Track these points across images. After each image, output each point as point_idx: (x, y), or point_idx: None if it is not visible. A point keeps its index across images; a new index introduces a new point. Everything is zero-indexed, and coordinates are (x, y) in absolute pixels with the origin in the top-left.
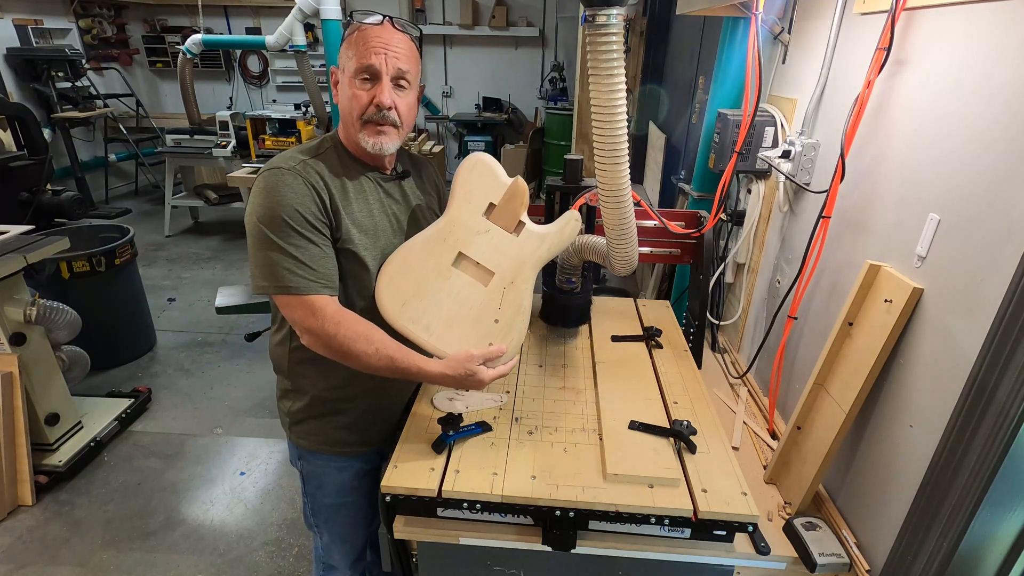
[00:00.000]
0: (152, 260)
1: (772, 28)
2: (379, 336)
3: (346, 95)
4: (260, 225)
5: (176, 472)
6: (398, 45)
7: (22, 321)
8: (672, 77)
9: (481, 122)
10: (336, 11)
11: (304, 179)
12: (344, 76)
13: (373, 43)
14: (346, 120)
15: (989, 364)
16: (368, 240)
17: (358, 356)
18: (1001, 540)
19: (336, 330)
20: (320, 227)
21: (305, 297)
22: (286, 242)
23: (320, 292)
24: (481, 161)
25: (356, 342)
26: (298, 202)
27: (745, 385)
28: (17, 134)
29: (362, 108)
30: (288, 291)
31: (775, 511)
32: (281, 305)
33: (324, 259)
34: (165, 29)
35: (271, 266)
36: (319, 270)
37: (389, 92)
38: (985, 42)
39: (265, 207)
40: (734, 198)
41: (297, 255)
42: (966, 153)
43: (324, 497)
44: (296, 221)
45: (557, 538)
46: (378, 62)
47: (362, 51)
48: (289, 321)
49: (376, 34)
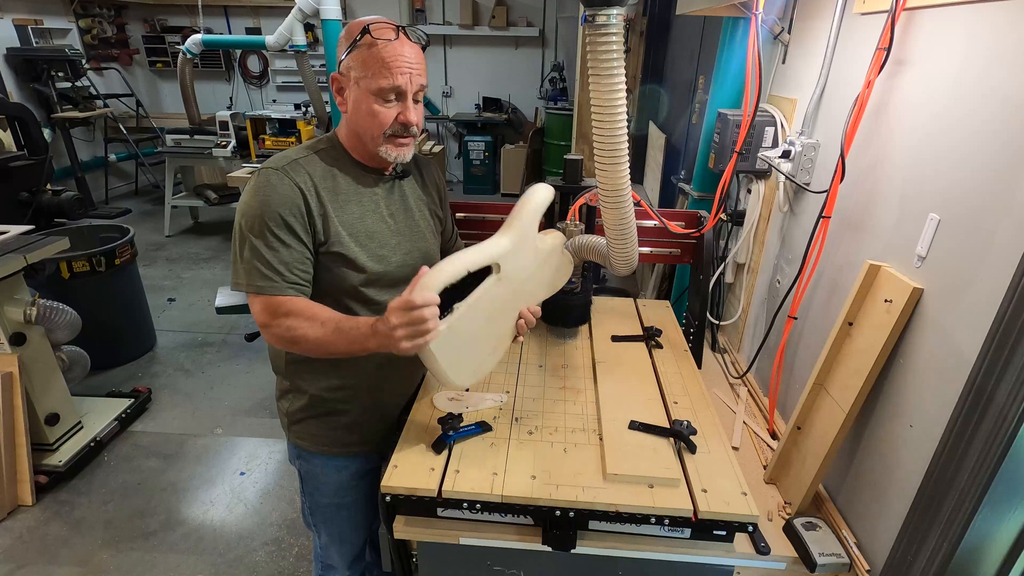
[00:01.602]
0: (152, 260)
1: (772, 28)
2: (327, 314)
3: (366, 111)
4: (241, 223)
5: (176, 472)
6: (416, 60)
7: (22, 321)
8: (672, 77)
9: (481, 122)
10: (336, 11)
11: (291, 181)
12: (359, 90)
13: (396, 63)
14: (364, 135)
15: (989, 364)
16: (360, 241)
17: (304, 336)
18: (1001, 540)
19: (285, 320)
20: (298, 230)
21: (270, 297)
22: (261, 242)
23: (286, 293)
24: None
25: (300, 327)
26: (279, 203)
27: (745, 385)
28: (17, 134)
29: (386, 125)
30: (257, 290)
31: (775, 511)
32: (249, 302)
33: (297, 263)
34: (165, 29)
35: (247, 265)
36: (289, 273)
37: (416, 111)
38: (985, 42)
39: (248, 206)
40: (734, 198)
41: (268, 257)
42: (966, 152)
43: (322, 497)
44: (275, 223)
45: (557, 538)
46: (404, 83)
47: (384, 71)
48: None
49: (396, 52)
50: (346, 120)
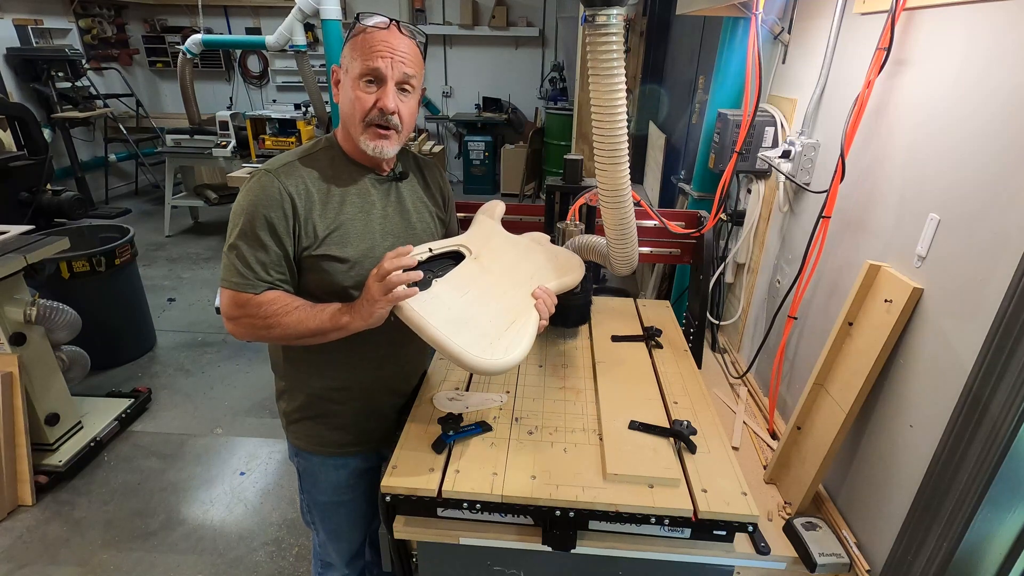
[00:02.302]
0: (152, 260)
1: (772, 28)
2: (298, 302)
3: (348, 97)
4: (231, 222)
5: (176, 472)
6: (404, 50)
7: (22, 321)
8: (672, 77)
9: (481, 122)
10: (336, 11)
11: (281, 185)
12: (347, 77)
13: (379, 47)
14: (347, 121)
15: (989, 364)
16: (350, 242)
17: (279, 323)
18: (1001, 540)
19: (256, 311)
20: (280, 232)
21: (239, 294)
22: (243, 241)
23: (257, 291)
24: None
25: (273, 313)
26: (266, 206)
27: (745, 385)
28: (17, 134)
29: (365, 111)
30: (230, 286)
31: (775, 511)
32: (220, 296)
33: (274, 264)
34: (165, 29)
35: (225, 259)
36: (265, 272)
37: (393, 96)
38: (985, 42)
39: (238, 205)
40: (734, 198)
41: (247, 255)
42: (966, 153)
43: (320, 495)
44: (258, 223)
45: (557, 538)
46: (384, 66)
47: (367, 54)
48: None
49: (383, 38)
50: (340, 114)
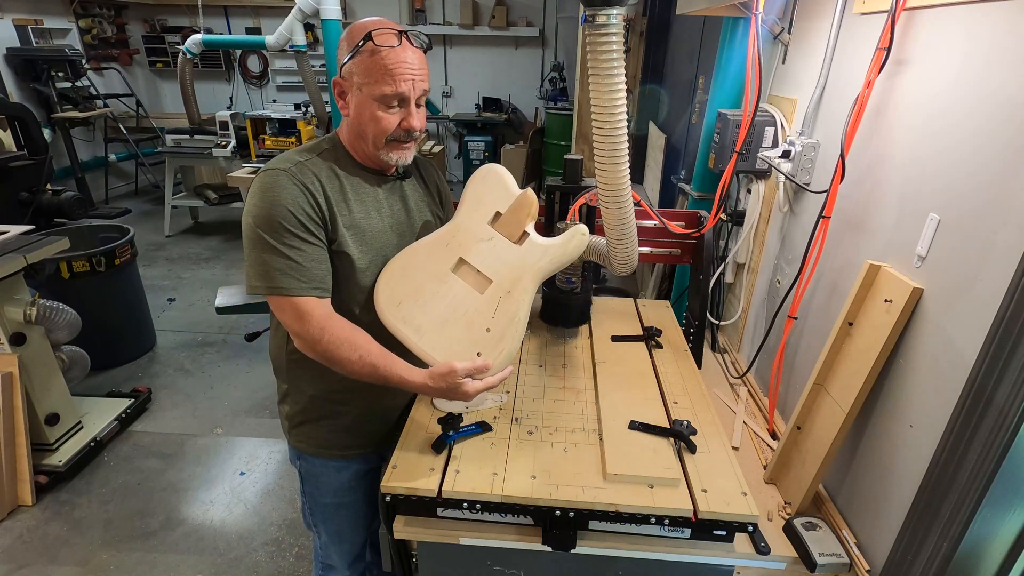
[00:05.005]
0: (152, 260)
1: (772, 28)
2: (363, 341)
3: (369, 116)
4: (255, 226)
5: (176, 472)
6: (419, 66)
7: (22, 321)
8: (672, 77)
9: (481, 122)
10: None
11: (299, 181)
12: (361, 95)
13: (399, 69)
14: (366, 138)
15: (989, 364)
16: (365, 242)
17: (342, 362)
18: (1001, 540)
19: (320, 335)
20: (314, 229)
21: (294, 299)
22: (280, 243)
23: (310, 294)
24: (493, 171)
25: (340, 348)
26: (292, 203)
27: (745, 385)
28: (17, 134)
29: (390, 131)
30: (279, 292)
31: (775, 511)
32: (273, 306)
33: (317, 261)
34: (165, 29)
35: (264, 267)
36: (311, 272)
37: (419, 116)
38: (985, 42)
39: (260, 208)
40: (734, 198)
41: (290, 256)
42: (966, 152)
43: (322, 497)
44: (290, 223)
45: (557, 538)
46: (407, 89)
47: (387, 78)
48: (280, 322)
49: (399, 59)
50: (348, 123)
